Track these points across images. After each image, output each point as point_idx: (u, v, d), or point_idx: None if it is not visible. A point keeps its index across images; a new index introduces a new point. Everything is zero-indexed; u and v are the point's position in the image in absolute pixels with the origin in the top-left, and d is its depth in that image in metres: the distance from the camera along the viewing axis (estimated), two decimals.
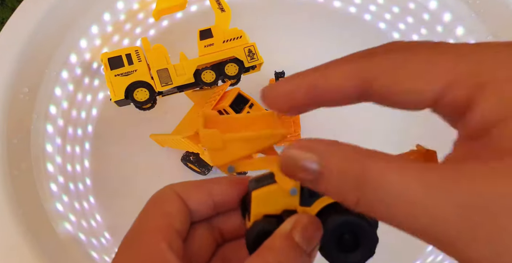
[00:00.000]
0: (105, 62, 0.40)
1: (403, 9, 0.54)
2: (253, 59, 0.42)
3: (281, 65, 0.47)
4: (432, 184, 0.12)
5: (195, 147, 0.42)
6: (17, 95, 0.41)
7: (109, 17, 0.50)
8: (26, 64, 0.42)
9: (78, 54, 0.48)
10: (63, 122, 0.47)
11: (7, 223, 0.36)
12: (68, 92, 0.47)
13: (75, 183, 0.46)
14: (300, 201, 0.19)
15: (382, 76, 0.15)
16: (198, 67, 0.41)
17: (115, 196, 0.48)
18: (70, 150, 0.47)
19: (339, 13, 0.57)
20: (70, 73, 0.47)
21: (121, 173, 0.49)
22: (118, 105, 0.42)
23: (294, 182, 0.18)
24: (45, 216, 0.39)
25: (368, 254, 0.19)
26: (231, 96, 0.40)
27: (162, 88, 0.40)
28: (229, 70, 0.41)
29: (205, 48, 0.41)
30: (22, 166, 0.40)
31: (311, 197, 0.19)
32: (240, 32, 0.42)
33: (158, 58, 0.41)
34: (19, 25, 0.43)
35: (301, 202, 0.19)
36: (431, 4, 0.51)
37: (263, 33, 0.52)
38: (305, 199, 0.19)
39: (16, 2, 0.64)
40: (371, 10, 0.56)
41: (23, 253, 0.35)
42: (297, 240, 0.17)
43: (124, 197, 0.47)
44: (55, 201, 0.41)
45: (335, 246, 0.19)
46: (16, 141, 0.40)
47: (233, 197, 0.21)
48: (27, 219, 0.37)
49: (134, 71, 0.40)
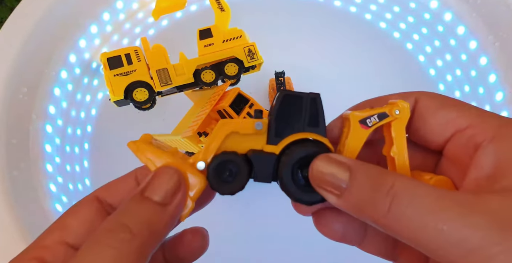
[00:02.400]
0: (104, 62, 0.40)
1: (404, 8, 0.54)
2: (253, 59, 0.41)
3: (281, 65, 0.47)
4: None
5: (195, 147, 0.42)
6: (16, 95, 0.41)
7: (109, 17, 0.50)
8: (25, 64, 0.42)
9: (77, 53, 0.48)
10: (62, 122, 0.46)
11: (7, 223, 0.36)
12: (67, 92, 0.47)
13: (74, 183, 0.46)
14: (267, 140, 0.19)
15: (422, 100, 0.19)
16: (198, 67, 0.41)
17: None
18: (69, 150, 0.47)
19: (340, 12, 0.57)
20: (69, 73, 0.47)
21: (120, 173, 0.49)
22: (117, 105, 0.42)
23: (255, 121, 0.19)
24: (45, 216, 0.39)
25: (320, 197, 0.18)
26: (231, 96, 0.39)
27: (162, 88, 0.40)
28: (229, 70, 0.41)
29: (204, 47, 0.41)
30: (22, 166, 0.40)
31: (277, 135, 0.19)
32: (240, 32, 0.42)
33: (158, 58, 0.41)
34: (18, 25, 0.42)
35: (268, 140, 0.19)
36: (432, 3, 0.51)
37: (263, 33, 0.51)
38: (271, 138, 0.19)
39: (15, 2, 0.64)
40: (372, 10, 0.56)
41: None
42: (146, 194, 0.17)
43: None
44: (54, 201, 0.41)
45: (296, 182, 0.19)
46: (15, 141, 0.40)
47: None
48: (27, 219, 0.37)
49: (133, 71, 0.40)
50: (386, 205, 0.15)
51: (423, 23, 0.53)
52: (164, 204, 0.17)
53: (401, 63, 0.54)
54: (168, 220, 0.17)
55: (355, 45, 0.54)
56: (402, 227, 0.15)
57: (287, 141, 0.19)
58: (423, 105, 0.19)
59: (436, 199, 0.15)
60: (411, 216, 0.15)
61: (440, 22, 0.51)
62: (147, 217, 0.17)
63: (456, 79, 0.51)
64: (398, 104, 0.19)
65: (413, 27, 0.54)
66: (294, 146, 0.19)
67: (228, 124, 0.19)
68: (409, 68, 0.54)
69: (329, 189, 0.17)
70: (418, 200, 0.15)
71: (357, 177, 0.16)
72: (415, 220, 0.15)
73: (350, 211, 0.17)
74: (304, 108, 0.19)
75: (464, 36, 0.49)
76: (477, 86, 0.48)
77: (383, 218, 0.15)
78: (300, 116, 0.19)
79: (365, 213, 0.16)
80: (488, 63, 0.46)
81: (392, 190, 0.15)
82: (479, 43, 0.47)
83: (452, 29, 0.50)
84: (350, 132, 0.19)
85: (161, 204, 0.17)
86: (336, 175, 0.17)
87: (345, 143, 0.19)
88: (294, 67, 0.51)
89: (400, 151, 0.19)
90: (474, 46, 0.48)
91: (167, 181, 0.18)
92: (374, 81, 0.53)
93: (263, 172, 0.19)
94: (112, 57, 0.40)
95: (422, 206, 0.15)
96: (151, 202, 0.17)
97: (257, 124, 0.19)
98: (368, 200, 0.16)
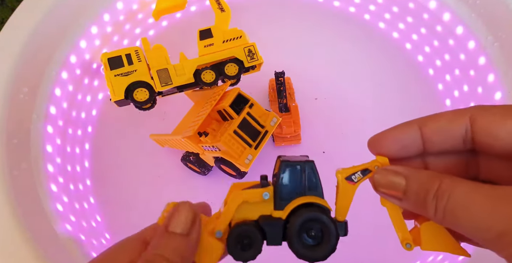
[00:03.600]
0: (105, 62, 0.40)
1: (403, 9, 0.54)
2: (253, 59, 0.42)
3: (281, 65, 0.47)
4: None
5: (195, 147, 0.42)
6: (17, 95, 0.41)
7: (109, 17, 0.50)
8: (26, 64, 0.42)
9: (77, 54, 0.48)
10: (63, 123, 0.47)
11: (7, 223, 0.36)
12: (68, 92, 0.47)
13: (75, 184, 0.46)
14: (274, 206, 0.22)
15: (482, 116, 0.20)
16: (198, 67, 0.41)
17: (115, 197, 0.48)
18: (70, 151, 0.47)
19: (339, 13, 0.57)
20: (70, 73, 0.47)
21: (121, 174, 0.49)
22: (118, 105, 0.42)
23: (264, 189, 0.22)
24: (45, 216, 0.39)
25: (330, 250, 0.21)
26: (231, 96, 0.40)
27: (162, 88, 0.40)
28: (229, 70, 0.41)
29: (205, 48, 0.41)
30: (22, 166, 0.40)
31: (282, 201, 0.22)
32: (240, 32, 0.42)
33: (158, 58, 0.41)
34: (19, 25, 0.43)
35: (275, 206, 0.22)
36: (430, 4, 0.51)
37: (263, 33, 0.52)
38: (277, 204, 0.22)
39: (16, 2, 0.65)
40: (371, 10, 0.56)
41: (23, 253, 0.35)
42: (170, 229, 0.20)
43: (124, 198, 0.48)
44: (55, 202, 0.41)
45: (301, 242, 0.22)
46: (16, 141, 0.40)
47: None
48: (27, 219, 0.37)
49: (134, 71, 0.40)
50: (433, 207, 0.18)
51: (422, 24, 0.53)
52: (186, 235, 0.20)
53: (400, 63, 0.54)
54: (193, 246, 0.21)
55: (354, 45, 0.55)
56: (449, 224, 0.19)
57: (292, 206, 0.22)
58: (486, 120, 0.20)
59: (470, 193, 0.18)
60: (454, 213, 0.18)
61: (439, 22, 0.51)
62: (176, 247, 0.20)
63: (455, 79, 0.51)
64: (378, 160, 0.22)
65: (412, 27, 0.54)
66: (300, 210, 0.22)
67: (240, 195, 0.22)
68: (408, 68, 0.54)
69: (392, 194, 0.21)
70: (457, 197, 0.18)
71: (411, 184, 0.20)
72: (457, 217, 0.18)
73: (412, 210, 0.20)
74: (302, 174, 0.23)
75: (463, 36, 0.49)
76: (476, 86, 0.48)
77: (434, 218, 0.19)
78: (301, 182, 0.23)
79: (422, 213, 0.19)
80: (487, 63, 0.46)
81: (437, 193, 0.18)
82: (478, 43, 0.47)
83: (451, 29, 0.50)
84: (339, 189, 0.22)
85: (184, 235, 0.20)
86: (394, 183, 0.20)
87: (337, 198, 0.23)
88: (294, 67, 0.51)
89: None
90: (473, 46, 0.48)
91: (186, 216, 0.21)
92: (373, 81, 0.53)
93: (274, 236, 0.22)
94: (113, 57, 0.40)
95: (459, 202, 0.18)
96: (176, 234, 0.20)
97: (264, 195, 0.22)
98: (422, 203, 0.19)
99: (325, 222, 0.21)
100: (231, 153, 0.38)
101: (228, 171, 0.43)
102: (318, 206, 0.22)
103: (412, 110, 0.51)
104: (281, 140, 0.49)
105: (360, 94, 0.49)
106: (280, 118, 0.41)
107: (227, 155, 0.38)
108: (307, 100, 0.48)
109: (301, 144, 0.49)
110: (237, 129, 0.38)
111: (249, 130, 0.39)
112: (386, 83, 0.53)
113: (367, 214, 0.39)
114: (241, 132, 0.39)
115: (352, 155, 0.50)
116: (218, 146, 0.38)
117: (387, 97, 0.52)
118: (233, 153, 0.38)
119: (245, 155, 0.38)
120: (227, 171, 0.43)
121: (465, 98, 0.49)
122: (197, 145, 0.41)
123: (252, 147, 0.39)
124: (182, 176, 0.48)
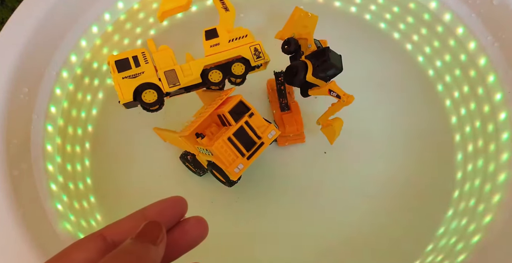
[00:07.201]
0: (112, 64, 0.40)
1: (403, 9, 0.54)
2: (260, 57, 0.41)
3: (280, 65, 0.47)
4: None
5: (191, 147, 0.42)
6: (17, 95, 0.41)
7: (109, 17, 0.50)
8: (26, 64, 0.42)
9: (78, 54, 0.48)
10: (63, 122, 0.47)
11: (7, 223, 0.36)
12: (68, 92, 0.47)
13: (75, 183, 0.46)
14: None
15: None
16: (205, 67, 0.41)
17: (115, 196, 0.48)
18: (70, 150, 0.47)
19: (340, 12, 0.57)
20: (70, 73, 0.47)
21: (121, 173, 0.49)
22: (127, 107, 0.41)
23: None
24: (45, 216, 0.39)
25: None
26: (232, 103, 0.39)
27: (170, 89, 0.40)
28: (236, 70, 0.41)
29: (211, 48, 0.41)
30: (22, 166, 0.40)
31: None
32: (245, 31, 0.42)
33: (165, 59, 0.41)
34: (19, 25, 0.43)
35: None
36: (431, 4, 0.51)
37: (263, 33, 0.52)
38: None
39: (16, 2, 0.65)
40: (372, 10, 0.56)
41: (23, 253, 0.35)
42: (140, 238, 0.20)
43: (124, 197, 0.48)
44: (55, 201, 0.41)
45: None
46: (16, 141, 0.40)
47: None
48: (27, 219, 0.37)
49: (141, 73, 0.40)
50: None
51: (422, 24, 0.53)
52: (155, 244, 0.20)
53: (400, 64, 0.54)
54: (160, 256, 0.20)
55: (354, 45, 0.55)
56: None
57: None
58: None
59: None
60: None
61: (439, 22, 0.51)
62: (141, 254, 0.19)
63: (455, 79, 0.51)
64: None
65: (413, 28, 0.54)
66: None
67: None
68: (408, 68, 0.54)
69: None
70: None
71: None
72: None
73: None
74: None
75: (463, 36, 0.49)
76: (476, 87, 0.48)
77: None
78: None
79: None
80: (487, 63, 0.46)
81: None
82: (478, 43, 0.47)
83: (451, 29, 0.50)
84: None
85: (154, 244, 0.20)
86: None
87: None
88: None
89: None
90: (473, 46, 0.48)
91: (156, 228, 0.21)
92: (373, 81, 0.53)
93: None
94: (120, 60, 0.40)
95: None
96: (146, 243, 0.20)
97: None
98: None
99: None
100: (222, 160, 0.38)
101: (219, 177, 0.43)
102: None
103: (412, 110, 0.51)
104: (284, 140, 0.49)
105: (360, 94, 0.49)
106: (279, 131, 0.41)
107: (219, 161, 0.38)
108: (307, 100, 0.48)
109: (305, 144, 0.49)
110: (232, 137, 0.38)
111: (245, 139, 0.39)
112: (386, 83, 0.53)
113: (363, 213, 0.38)
114: (236, 140, 0.38)
115: (353, 154, 0.50)
116: (211, 151, 0.38)
117: (387, 97, 0.52)
118: (224, 160, 0.38)
119: (236, 163, 0.38)
120: (218, 177, 0.43)
121: (465, 99, 0.49)
122: (193, 145, 0.41)
123: (245, 156, 0.39)
124: (181, 175, 0.48)
